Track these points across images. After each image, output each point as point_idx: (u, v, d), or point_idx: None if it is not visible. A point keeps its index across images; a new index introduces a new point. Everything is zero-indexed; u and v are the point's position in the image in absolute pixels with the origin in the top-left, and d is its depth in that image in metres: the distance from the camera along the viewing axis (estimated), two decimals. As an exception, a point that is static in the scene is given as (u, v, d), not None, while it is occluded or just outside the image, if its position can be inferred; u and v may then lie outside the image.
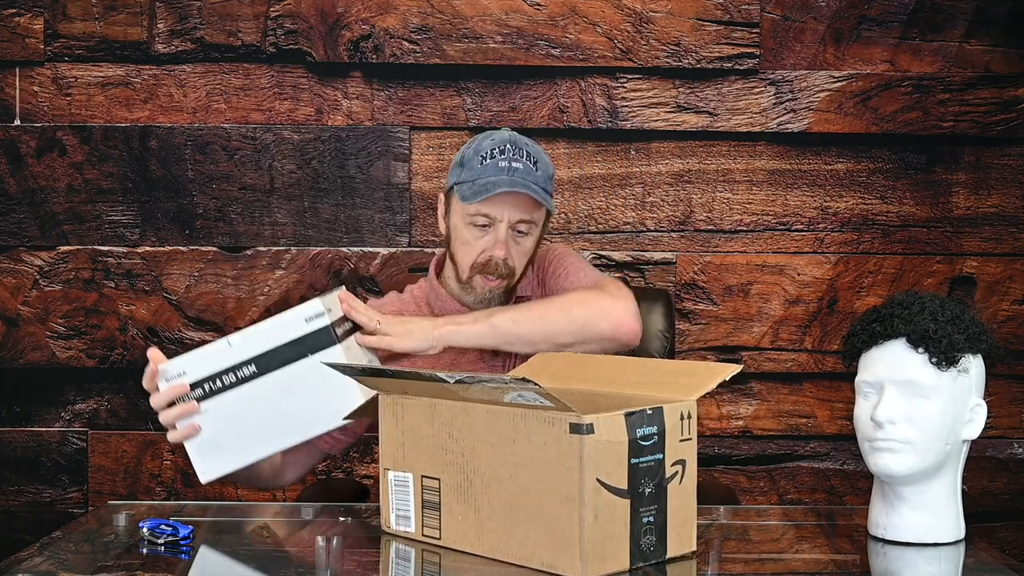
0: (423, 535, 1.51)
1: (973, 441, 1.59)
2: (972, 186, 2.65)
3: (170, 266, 2.63)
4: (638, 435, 1.35)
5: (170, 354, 2.60)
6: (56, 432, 2.64)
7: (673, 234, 2.64)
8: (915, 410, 1.54)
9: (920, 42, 2.64)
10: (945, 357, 1.53)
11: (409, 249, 2.62)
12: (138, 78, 2.61)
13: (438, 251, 2.10)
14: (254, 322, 2.01)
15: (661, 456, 1.38)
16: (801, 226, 2.65)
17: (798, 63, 2.63)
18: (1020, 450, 2.68)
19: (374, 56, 2.61)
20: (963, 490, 1.62)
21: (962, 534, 1.60)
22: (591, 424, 1.30)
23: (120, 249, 2.63)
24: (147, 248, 2.63)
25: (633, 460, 1.35)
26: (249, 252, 2.64)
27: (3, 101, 2.61)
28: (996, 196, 2.66)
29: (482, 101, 2.62)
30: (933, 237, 2.66)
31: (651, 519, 1.38)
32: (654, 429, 1.37)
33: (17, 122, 2.61)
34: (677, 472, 1.40)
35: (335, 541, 1.50)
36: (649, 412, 1.36)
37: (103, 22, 2.61)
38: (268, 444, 1.71)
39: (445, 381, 1.38)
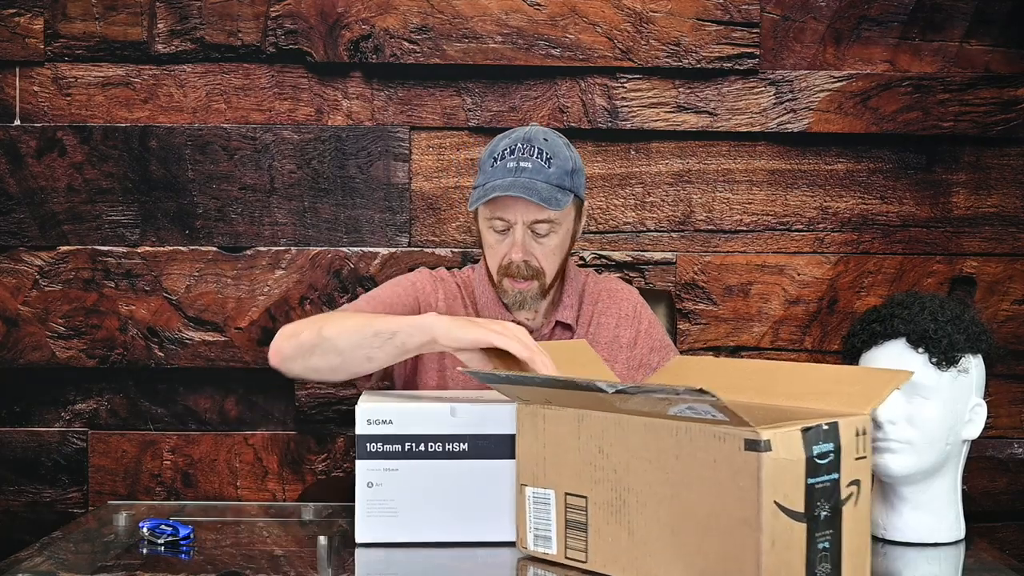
0: (567, 557, 1.42)
1: (973, 441, 1.60)
2: (972, 186, 2.65)
3: (170, 266, 2.63)
4: (815, 452, 1.23)
5: (170, 354, 2.62)
6: (56, 432, 2.64)
7: (673, 234, 2.64)
8: (915, 410, 1.54)
9: (920, 42, 2.64)
10: (945, 357, 1.54)
11: (409, 249, 2.62)
12: (138, 78, 2.61)
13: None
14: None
15: (837, 476, 1.25)
16: (801, 226, 2.65)
17: (798, 63, 2.63)
18: (1020, 450, 2.68)
19: (374, 56, 2.61)
20: (963, 490, 1.62)
21: (962, 534, 1.60)
22: (768, 440, 1.18)
23: (120, 249, 2.63)
24: (147, 248, 2.63)
25: (810, 480, 1.22)
26: (249, 252, 2.64)
27: (3, 101, 2.61)
28: (996, 196, 2.66)
29: (482, 101, 2.62)
30: (933, 237, 2.66)
31: (826, 545, 1.25)
32: (830, 446, 1.24)
33: (17, 122, 2.61)
34: (852, 494, 1.27)
35: (335, 541, 1.50)
36: (825, 427, 1.23)
37: (103, 22, 2.61)
38: (442, 530, 1.54)
39: (603, 391, 1.28)
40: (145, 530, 1.56)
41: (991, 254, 2.66)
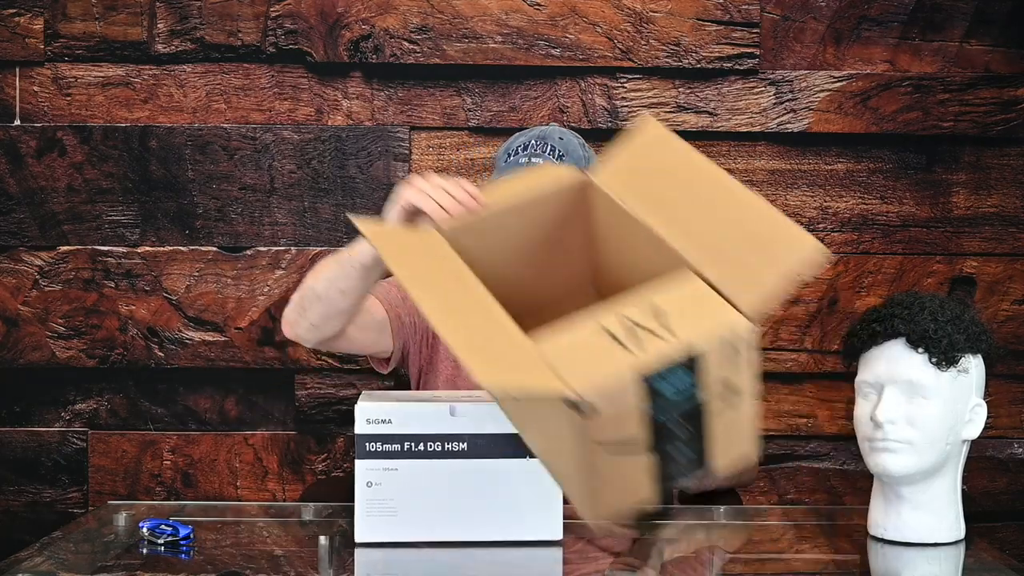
0: None
1: (973, 441, 1.60)
2: (972, 186, 2.65)
3: (170, 266, 2.63)
4: (665, 392, 1.21)
5: (170, 354, 2.62)
6: (56, 432, 2.64)
7: (673, 234, 2.64)
8: (915, 410, 1.54)
9: (920, 42, 2.64)
10: (945, 357, 1.54)
11: (409, 249, 2.62)
12: (138, 78, 2.61)
13: None
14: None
15: (695, 395, 1.23)
16: (801, 226, 2.65)
17: (798, 63, 2.63)
18: (1020, 450, 2.68)
19: (374, 56, 2.61)
20: (963, 490, 1.62)
21: (962, 534, 1.60)
22: (592, 404, 1.18)
23: (120, 249, 2.63)
24: (147, 248, 2.63)
25: (653, 413, 1.22)
26: (249, 252, 2.64)
27: (3, 101, 2.61)
28: (996, 196, 2.66)
29: (482, 101, 2.62)
30: (933, 237, 2.65)
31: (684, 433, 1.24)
32: (688, 381, 1.22)
33: (17, 122, 2.61)
34: (720, 393, 1.24)
35: (335, 541, 1.50)
36: (683, 367, 1.22)
37: (103, 22, 2.61)
38: (442, 530, 1.56)
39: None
40: (145, 530, 1.56)
41: (991, 254, 2.66)
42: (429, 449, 1.55)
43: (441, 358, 1.96)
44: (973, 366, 1.57)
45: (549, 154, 1.87)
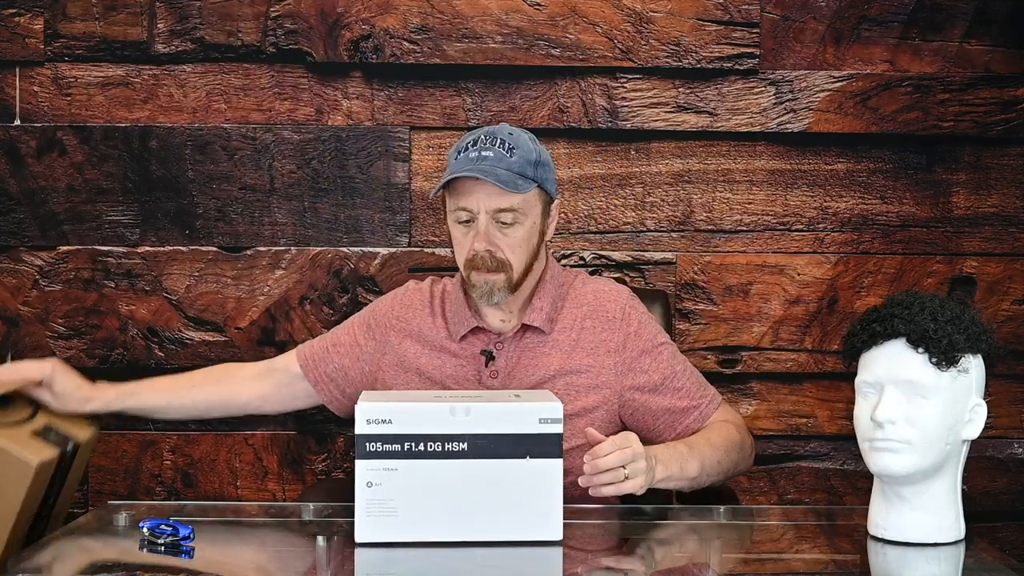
0: None
1: (973, 441, 1.60)
2: (972, 186, 2.65)
3: (170, 266, 2.63)
4: None
5: (171, 354, 2.62)
6: (56, 432, 2.64)
7: (673, 234, 2.64)
8: (915, 410, 1.54)
9: (920, 42, 2.64)
10: (945, 357, 1.54)
11: (409, 249, 2.62)
12: (138, 78, 2.61)
13: None
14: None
15: None
16: (801, 226, 2.65)
17: (798, 63, 2.63)
18: (1020, 450, 2.68)
19: (374, 56, 2.61)
20: (963, 490, 1.62)
21: (962, 534, 1.60)
22: None
23: (120, 249, 2.63)
24: (147, 248, 2.63)
25: None
26: (249, 252, 2.64)
27: (3, 101, 2.61)
28: (996, 196, 2.66)
29: (482, 101, 2.62)
30: (933, 237, 2.66)
31: None
32: None
33: (17, 122, 2.61)
34: None
35: (335, 541, 1.50)
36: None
37: (103, 22, 2.61)
38: (442, 530, 1.56)
39: None
40: (145, 530, 1.56)
41: (991, 254, 2.66)
42: (429, 449, 1.55)
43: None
44: (973, 366, 1.57)
45: (500, 147, 1.87)
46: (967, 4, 2.62)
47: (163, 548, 1.54)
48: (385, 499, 1.55)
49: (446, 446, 1.55)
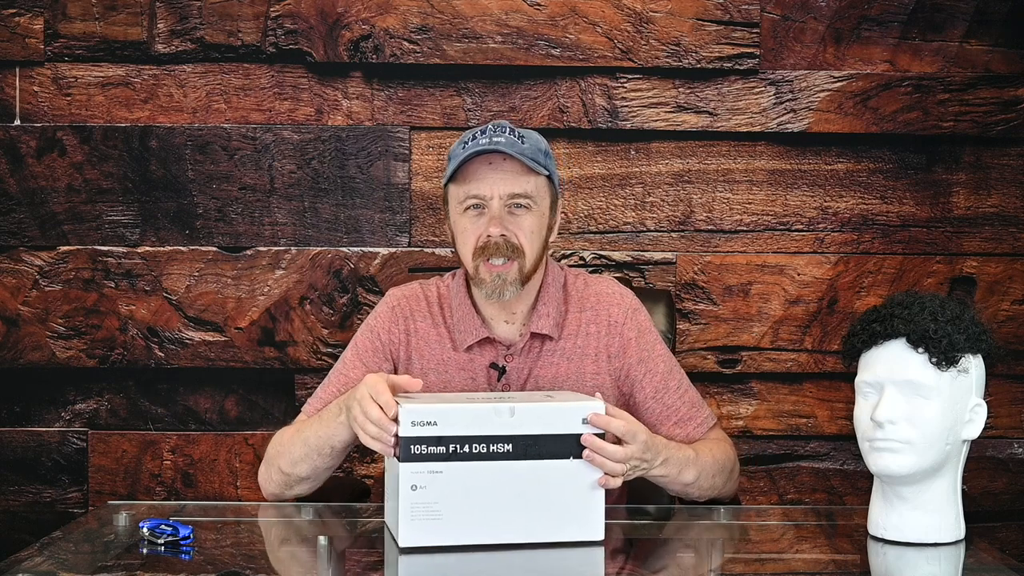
0: None
1: (973, 441, 1.60)
2: (972, 186, 2.65)
3: (170, 266, 2.63)
4: None
5: (170, 354, 2.62)
6: (56, 432, 2.64)
7: (673, 234, 2.64)
8: (915, 410, 1.54)
9: (920, 42, 2.64)
10: (945, 357, 1.54)
11: (409, 249, 2.62)
12: (138, 78, 2.61)
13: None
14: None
15: None
16: (801, 226, 2.65)
17: (798, 63, 2.63)
18: (1020, 450, 2.68)
19: (374, 56, 2.61)
20: (963, 490, 1.62)
21: (962, 534, 1.60)
22: None
23: (120, 249, 2.63)
24: (147, 248, 2.63)
25: None
26: (249, 252, 2.64)
27: (3, 101, 2.61)
28: (996, 196, 2.66)
29: (482, 101, 2.62)
30: (933, 237, 2.66)
31: None
32: None
33: (17, 122, 2.61)
34: None
35: (335, 541, 1.49)
36: None
37: (103, 22, 2.61)
38: (487, 532, 1.52)
39: None
40: (145, 530, 1.56)
41: (991, 254, 2.66)
42: (474, 451, 1.50)
43: None
44: (973, 366, 1.57)
45: (510, 134, 1.81)
46: (967, 4, 2.62)
47: (163, 548, 1.54)
48: (430, 502, 1.50)
49: (491, 447, 1.51)
